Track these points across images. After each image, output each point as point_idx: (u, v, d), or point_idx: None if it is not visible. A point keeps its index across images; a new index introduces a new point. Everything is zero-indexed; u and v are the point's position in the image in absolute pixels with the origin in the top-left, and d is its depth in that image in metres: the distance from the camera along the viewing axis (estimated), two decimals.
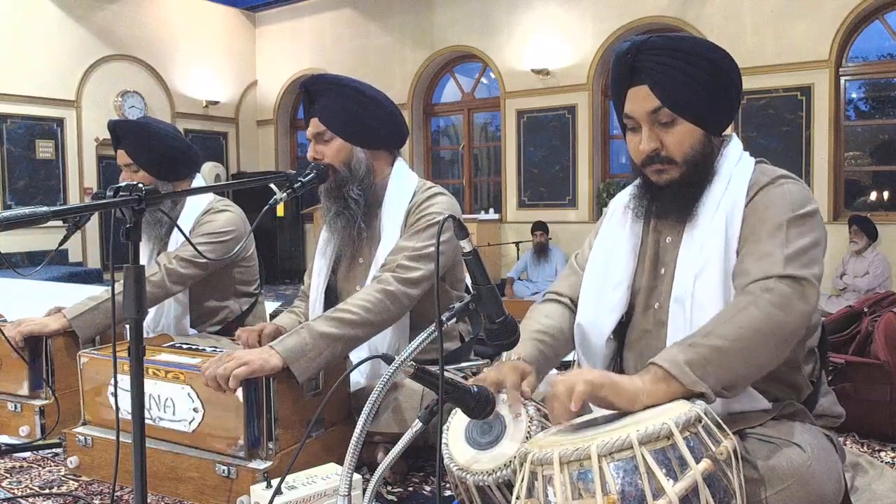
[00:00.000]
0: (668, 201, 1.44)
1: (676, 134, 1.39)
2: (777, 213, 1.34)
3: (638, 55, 1.39)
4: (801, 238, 1.31)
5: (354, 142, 1.99)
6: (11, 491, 1.80)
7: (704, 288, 1.35)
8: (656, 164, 1.42)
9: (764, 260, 1.29)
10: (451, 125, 10.21)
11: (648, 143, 1.40)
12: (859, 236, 6.48)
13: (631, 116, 1.42)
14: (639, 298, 1.51)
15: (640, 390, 1.19)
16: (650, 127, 1.40)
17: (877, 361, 2.17)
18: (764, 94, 7.19)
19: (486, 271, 1.27)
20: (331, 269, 2.13)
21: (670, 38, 1.40)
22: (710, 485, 1.05)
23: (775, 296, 1.24)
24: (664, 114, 1.38)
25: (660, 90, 1.37)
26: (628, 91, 1.42)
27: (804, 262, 1.28)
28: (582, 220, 8.36)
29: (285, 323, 2.15)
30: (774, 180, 1.39)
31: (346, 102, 1.97)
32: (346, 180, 1.99)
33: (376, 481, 1.28)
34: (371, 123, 2.00)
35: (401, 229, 1.99)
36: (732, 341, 1.21)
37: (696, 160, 1.41)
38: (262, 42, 10.98)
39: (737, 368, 1.21)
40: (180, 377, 1.75)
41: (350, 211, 2.00)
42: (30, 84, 8.52)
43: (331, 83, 1.99)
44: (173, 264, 2.30)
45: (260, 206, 1.58)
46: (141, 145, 2.41)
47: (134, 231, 1.21)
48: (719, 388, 1.20)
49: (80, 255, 8.97)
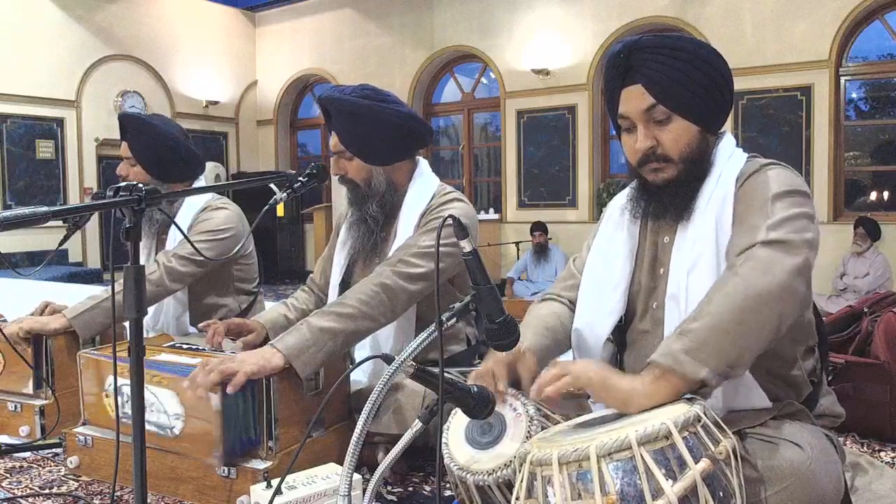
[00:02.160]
0: (665, 201, 1.44)
1: (672, 131, 1.39)
2: (762, 192, 1.34)
3: (630, 55, 1.39)
4: (785, 210, 1.29)
5: (372, 163, 2.01)
6: (11, 491, 1.80)
7: (697, 283, 1.35)
8: (652, 163, 1.41)
9: (748, 233, 1.29)
10: (451, 125, 10.21)
11: (644, 142, 1.40)
12: (864, 239, 6.45)
13: (626, 116, 1.42)
14: (639, 300, 1.51)
15: (636, 391, 1.18)
16: (645, 125, 1.40)
17: (877, 361, 2.17)
18: (764, 94, 7.20)
19: (486, 271, 1.27)
20: (348, 263, 2.14)
21: (662, 37, 1.41)
22: (710, 484, 1.05)
23: (755, 261, 1.23)
24: (659, 111, 1.38)
25: (654, 88, 1.37)
26: (622, 91, 1.42)
27: (789, 228, 1.26)
28: (582, 220, 8.37)
29: (269, 317, 2.15)
30: (761, 168, 1.40)
31: (359, 127, 1.96)
32: (366, 197, 2.03)
33: (376, 481, 1.29)
34: (386, 143, 1.98)
35: (414, 230, 2.00)
36: (721, 316, 1.19)
37: (693, 157, 1.41)
38: (262, 42, 10.98)
39: (735, 342, 1.18)
40: (163, 382, 1.73)
41: (367, 226, 2.04)
42: (30, 84, 8.53)
43: (344, 105, 1.96)
44: (172, 262, 2.30)
45: (260, 206, 1.58)
46: (143, 143, 2.41)
47: (134, 231, 1.21)
48: (723, 366, 1.18)
49: (80, 255, 8.98)
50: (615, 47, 1.43)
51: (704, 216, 1.39)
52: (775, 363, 1.38)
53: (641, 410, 1.17)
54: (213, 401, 1.63)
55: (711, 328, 1.19)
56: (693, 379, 1.17)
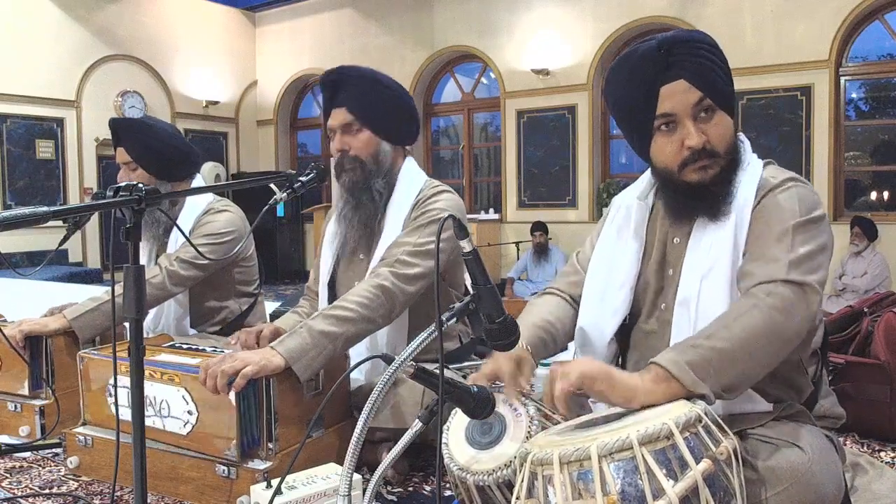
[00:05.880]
0: (707, 199, 1.38)
1: (718, 126, 1.37)
2: (784, 217, 1.33)
3: (671, 49, 1.35)
4: (806, 244, 1.30)
5: (382, 135, 2.00)
6: (11, 491, 1.80)
7: (710, 290, 1.35)
8: (701, 161, 1.36)
9: (769, 264, 1.29)
10: (451, 125, 10.21)
11: (698, 138, 1.34)
12: (861, 238, 6.47)
13: (671, 114, 1.36)
14: (645, 300, 1.50)
15: (638, 388, 1.19)
16: (694, 121, 1.35)
17: (877, 361, 2.17)
18: (764, 94, 7.19)
19: (486, 271, 1.27)
20: (335, 262, 2.13)
21: (689, 32, 1.42)
22: (710, 485, 1.05)
23: (777, 299, 1.24)
24: (706, 104, 1.35)
25: (699, 81, 1.34)
26: (661, 89, 1.36)
27: (808, 267, 1.28)
28: (582, 220, 8.36)
29: (286, 324, 2.14)
30: (783, 183, 1.38)
31: (375, 96, 1.98)
32: (372, 173, 2.00)
33: (376, 481, 1.28)
34: (397, 118, 2.02)
35: (403, 224, 1.99)
36: (734, 344, 1.21)
37: (734, 153, 1.39)
38: (262, 42, 10.98)
39: (738, 371, 1.21)
40: (175, 379, 1.74)
41: (374, 203, 2.01)
42: (30, 84, 8.52)
43: (363, 75, 1.99)
44: (174, 266, 2.30)
45: (260, 206, 1.58)
46: (140, 143, 2.41)
47: (134, 231, 1.21)
48: (719, 389, 1.20)
49: (80, 255, 8.97)
50: (648, 44, 1.37)
51: (722, 221, 1.37)
52: (781, 367, 1.37)
53: (643, 407, 1.18)
54: (230, 396, 1.64)
55: (721, 352, 1.20)
56: (691, 391, 1.18)
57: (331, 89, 2.00)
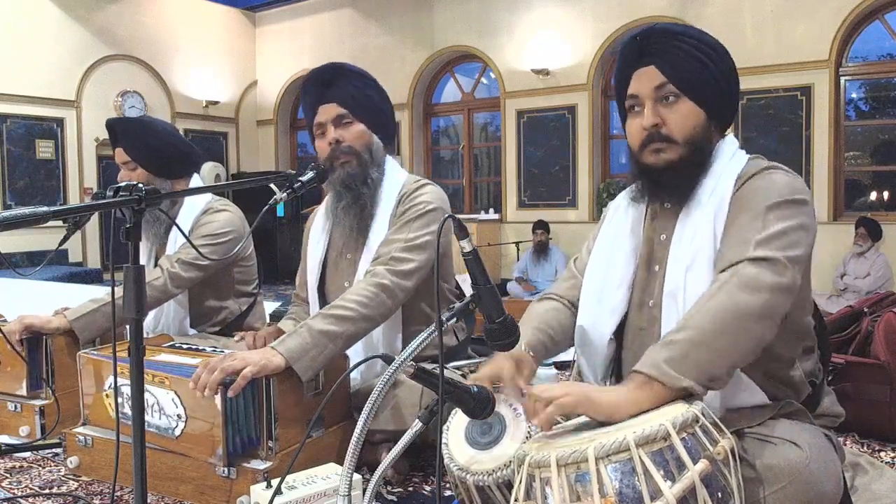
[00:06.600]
0: (665, 185, 1.43)
1: (679, 112, 1.40)
2: (759, 200, 1.34)
3: (647, 38, 1.43)
4: (780, 221, 1.30)
5: (374, 129, 2.04)
6: (11, 491, 1.80)
7: (695, 280, 1.36)
8: (655, 143, 1.41)
9: (738, 246, 1.30)
10: (451, 125, 10.21)
11: (650, 119, 1.40)
12: (865, 239, 6.46)
13: (635, 95, 1.44)
14: (633, 297, 1.51)
15: (620, 401, 1.18)
16: (653, 104, 1.41)
17: (877, 361, 2.17)
18: (764, 94, 7.19)
19: (486, 271, 1.27)
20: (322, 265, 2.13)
21: (678, 24, 1.46)
22: (708, 485, 1.05)
23: (740, 277, 1.24)
24: (669, 90, 1.40)
25: (667, 67, 1.40)
26: (634, 73, 1.44)
27: (779, 244, 1.27)
28: (582, 220, 8.37)
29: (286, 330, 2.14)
30: (761, 171, 1.40)
31: (368, 91, 2.04)
32: (367, 164, 2.01)
33: (376, 481, 1.28)
34: (387, 115, 2.10)
35: (389, 220, 2.00)
36: (705, 331, 1.21)
37: (696, 142, 1.41)
38: (262, 42, 10.98)
39: (715, 357, 1.20)
40: (165, 382, 1.74)
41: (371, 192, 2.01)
42: (30, 84, 8.52)
43: (354, 71, 2.05)
44: (176, 268, 2.30)
45: (260, 206, 1.58)
46: (139, 142, 2.40)
47: (134, 231, 1.21)
48: (704, 379, 1.19)
49: (80, 255, 8.98)
50: (632, 33, 1.46)
51: (703, 212, 1.39)
52: (772, 364, 1.38)
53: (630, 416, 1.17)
54: (215, 400, 1.63)
55: (692, 342, 1.20)
56: (676, 387, 1.18)
57: (320, 86, 2.01)
